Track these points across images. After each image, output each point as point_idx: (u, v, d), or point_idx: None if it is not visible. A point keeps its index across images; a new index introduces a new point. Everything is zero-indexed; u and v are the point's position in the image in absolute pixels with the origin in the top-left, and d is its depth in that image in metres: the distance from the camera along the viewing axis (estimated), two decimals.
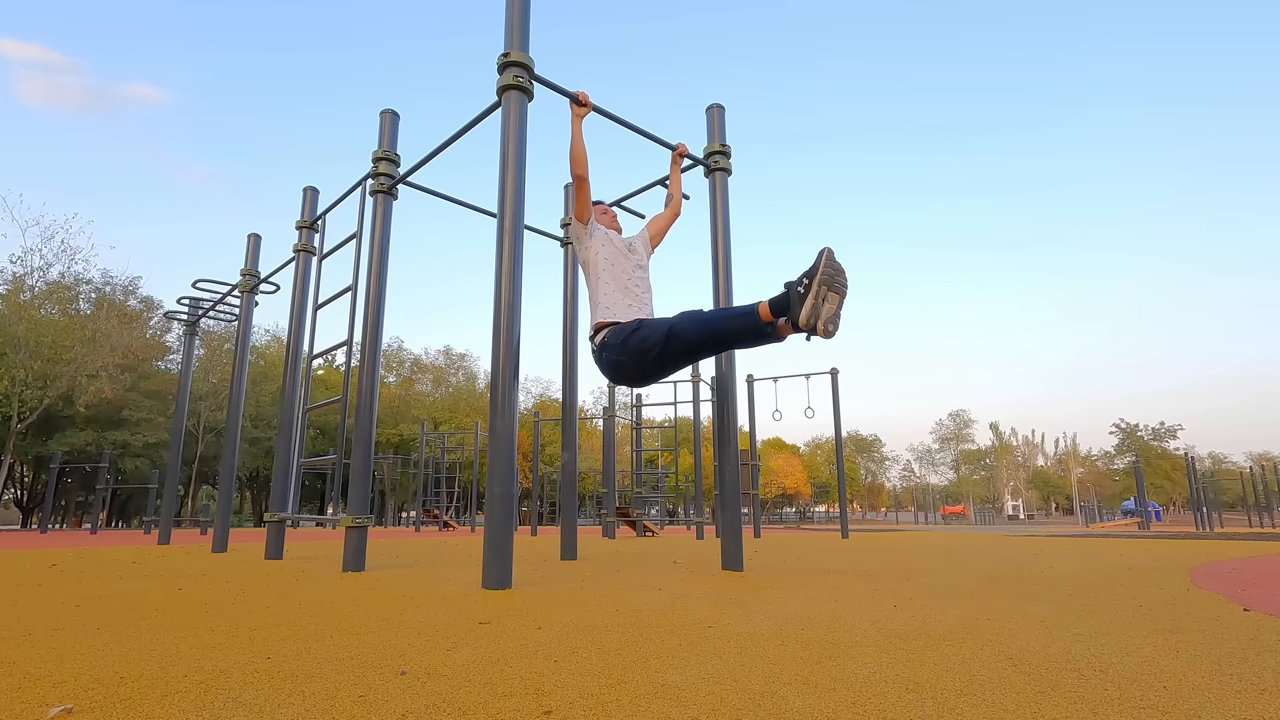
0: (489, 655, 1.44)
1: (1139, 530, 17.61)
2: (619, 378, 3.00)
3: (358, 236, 4.51)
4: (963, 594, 2.55)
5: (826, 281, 2.48)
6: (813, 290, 2.47)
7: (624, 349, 2.89)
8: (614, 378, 3.02)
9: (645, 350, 2.83)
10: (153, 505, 16.30)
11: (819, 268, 2.49)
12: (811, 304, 2.47)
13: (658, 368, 2.88)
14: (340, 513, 4.78)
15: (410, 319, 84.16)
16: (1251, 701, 1.11)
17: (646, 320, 2.95)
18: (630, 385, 3.10)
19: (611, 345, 2.94)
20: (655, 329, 2.83)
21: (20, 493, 33.20)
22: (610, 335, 2.96)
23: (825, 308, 2.48)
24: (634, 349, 2.86)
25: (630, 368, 2.90)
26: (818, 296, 2.47)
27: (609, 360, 2.96)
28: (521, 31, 3.27)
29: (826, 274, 2.48)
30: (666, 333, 2.78)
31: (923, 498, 58.64)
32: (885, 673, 1.28)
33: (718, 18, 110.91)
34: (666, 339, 2.77)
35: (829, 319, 2.49)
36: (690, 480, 21.33)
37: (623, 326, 2.95)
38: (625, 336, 2.89)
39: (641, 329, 2.88)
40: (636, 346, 2.85)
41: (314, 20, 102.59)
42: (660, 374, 2.96)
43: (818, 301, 2.47)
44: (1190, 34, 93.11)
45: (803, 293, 2.50)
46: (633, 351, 2.86)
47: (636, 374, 2.93)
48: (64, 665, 1.36)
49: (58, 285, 23.22)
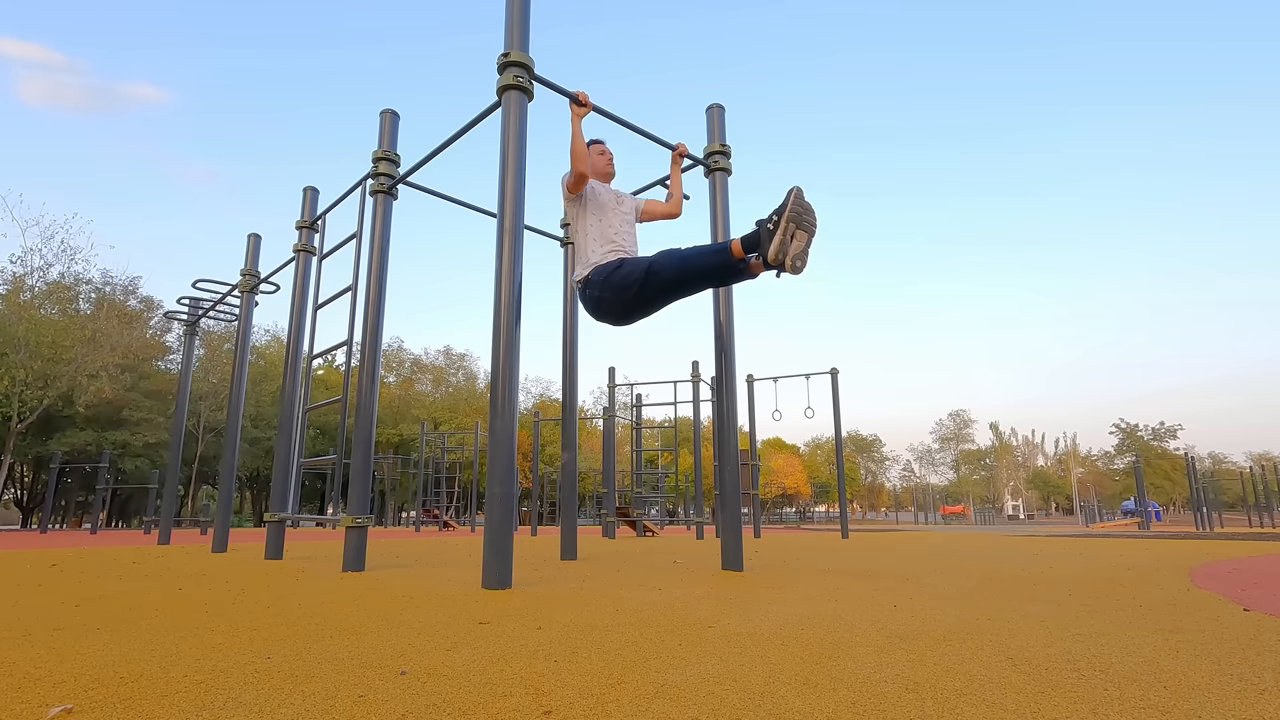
0: (489, 655, 1.44)
1: (1139, 530, 17.61)
2: (603, 315, 3.11)
3: (358, 236, 4.51)
4: (963, 594, 2.55)
5: (795, 219, 2.61)
6: (781, 227, 2.61)
7: (606, 285, 3.01)
8: (598, 315, 3.14)
9: (626, 286, 2.96)
10: (153, 505, 16.30)
11: (787, 205, 2.63)
12: (780, 240, 2.61)
13: (639, 305, 3.01)
14: (340, 513, 4.78)
15: (410, 319, 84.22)
16: (1251, 701, 1.11)
17: (628, 258, 3.09)
18: (614, 322, 3.16)
19: (595, 282, 3.06)
20: (636, 266, 2.97)
21: (20, 493, 33.20)
22: (594, 273, 3.09)
23: (794, 244, 2.61)
24: (616, 285, 2.98)
25: (613, 304, 3.02)
26: (786, 233, 2.61)
27: (592, 297, 3.09)
28: (521, 31, 3.27)
29: (795, 212, 2.61)
30: (646, 269, 2.92)
31: (923, 498, 58.65)
32: (885, 673, 1.28)
33: (717, 17, 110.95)
34: (646, 276, 2.91)
35: (797, 255, 2.62)
36: (690, 480, 21.33)
37: (606, 264, 3.08)
38: (608, 274, 3.02)
39: (623, 266, 3.01)
40: (619, 283, 2.98)
41: (314, 19, 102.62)
42: (641, 312, 3.07)
43: (786, 238, 2.61)
44: (1198, 31, 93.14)
45: (772, 229, 2.64)
46: (615, 288, 2.99)
47: (619, 311, 3.05)
48: (64, 665, 1.36)
49: (58, 285, 23.21)
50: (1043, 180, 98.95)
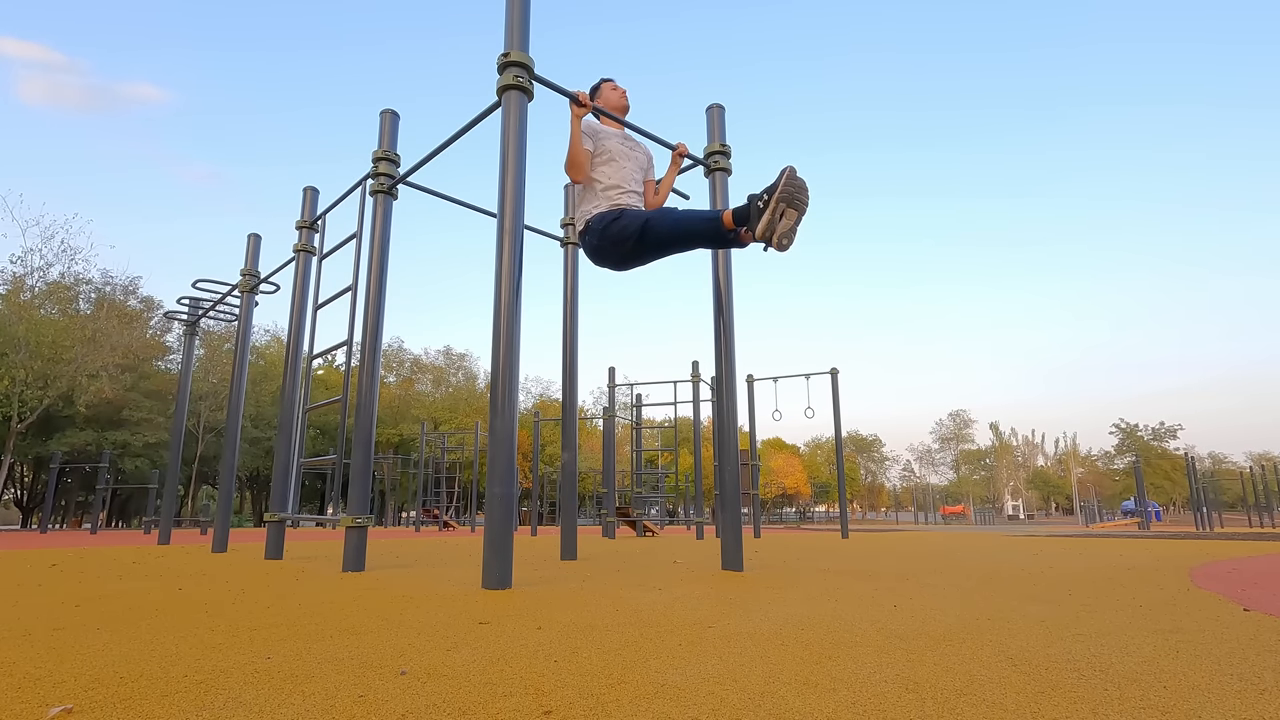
0: (489, 655, 1.44)
1: (1139, 530, 17.61)
2: (600, 260, 3.28)
3: (358, 236, 4.51)
4: (963, 594, 2.55)
5: (786, 198, 2.65)
6: (770, 206, 2.67)
7: (604, 235, 3.16)
8: (595, 260, 3.31)
9: (624, 239, 3.11)
10: (153, 505, 16.31)
11: (780, 184, 2.68)
12: (769, 218, 2.67)
13: (633, 255, 3.17)
14: (340, 513, 4.78)
15: (410, 319, 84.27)
16: (1251, 701, 1.11)
17: (628, 210, 3.21)
18: (611, 268, 3.33)
19: (594, 230, 3.21)
20: (633, 220, 3.11)
21: (20, 493, 33.20)
22: (594, 221, 3.23)
23: (782, 223, 2.67)
24: (613, 236, 3.13)
25: (610, 253, 3.19)
26: (775, 212, 2.67)
27: (590, 244, 3.25)
28: (521, 31, 3.27)
29: (786, 191, 2.65)
30: (643, 225, 3.06)
31: (923, 498, 58.66)
32: (885, 673, 1.28)
33: (718, 17, 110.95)
34: (642, 230, 3.06)
35: (784, 234, 2.68)
36: (690, 480, 21.33)
37: (606, 214, 3.20)
38: (608, 223, 3.16)
39: (622, 218, 3.14)
40: (616, 234, 3.12)
41: (314, 20, 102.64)
42: (637, 261, 3.23)
43: (775, 217, 2.67)
44: (1197, 32, 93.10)
45: (762, 207, 2.70)
46: (612, 238, 3.14)
47: (615, 259, 3.21)
48: (64, 665, 1.36)
49: (58, 285, 23.22)
50: (1043, 180, 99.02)
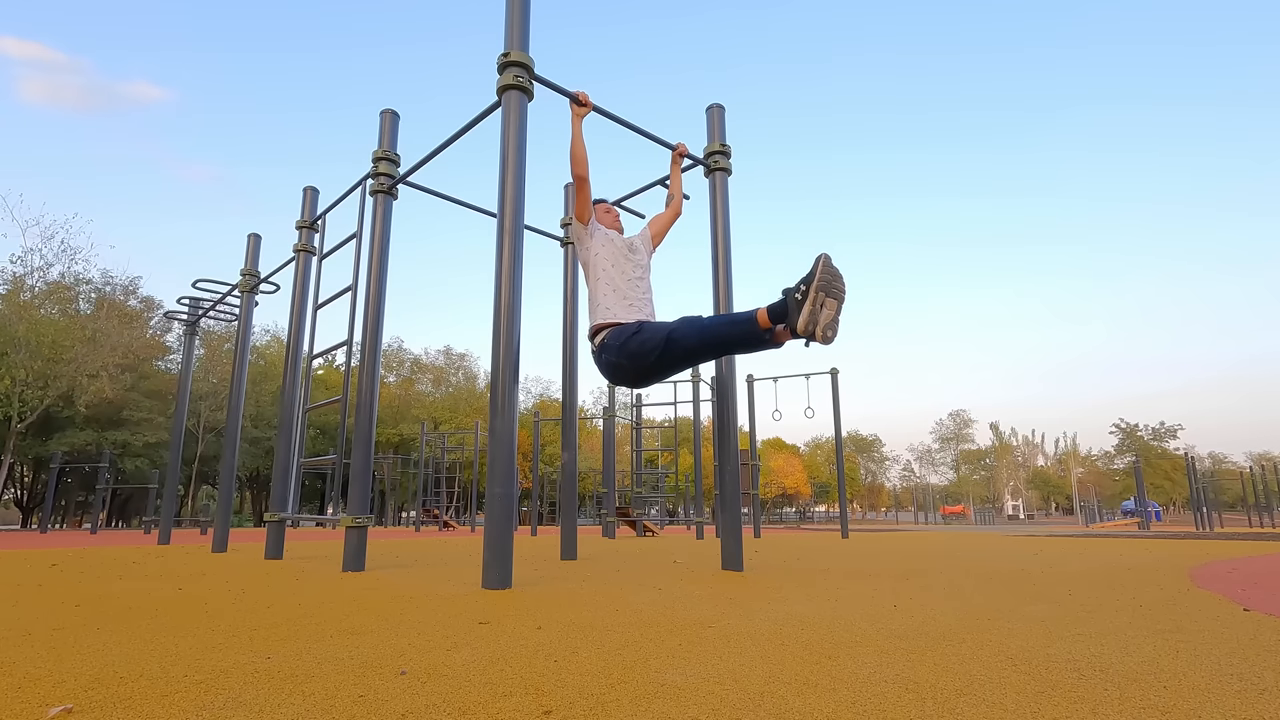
0: (489, 655, 1.44)
1: (1139, 530, 17.61)
2: (618, 379, 3.03)
3: (358, 236, 4.51)
4: (963, 594, 2.55)
5: (824, 288, 2.49)
6: (810, 297, 2.48)
7: (623, 351, 2.90)
8: (613, 379, 3.05)
9: (645, 354, 2.84)
10: (153, 505, 16.31)
11: (816, 274, 2.50)
12: (810, 310, 2.48)
13: (656, 371, 2.91)
14: (340, 513, 4.78)
15: (410, 319, 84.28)
16: (1251, 701, 1.11)
17: (647, 323, 2.96)
18: (629, 386, 3.15)
19: (611, 347, 2.95)
20: (655, 333, 2.84)
21: (20, 493, 33.20)
22: (610, 337, 2.97)
23: (824, 314, 2.49)
24: (633, 352, 2.87)
25: (629, 370, 2.93)
26: (815, 303, 2.48)
27: (608, 362, 2.98)
28: (521, 31, 3.27)
29: (824, 280, 2.49)
30: (666, 338, 2.79)
31: (923, 498, 58.66)
32: (885, 673, 1.28)
33: (718, 17, 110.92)
34: (666, 344, 2.79)
35: (828, 325, 2.50)
36: (690, 480, 21.32)
37: (623, 328, 2.95)
38: (625, 339, 2.90)
39: (642, 332, 2.88)
40: (636, 350, 2.86)
41: (314, 20, 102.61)
42: (658, 377, 2.99)
43: (816, 308, 2.48)
44: (1191, 33, 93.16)
45: (800, 300, 2.51)
46: (632, 354, 2.87)
47: (635, 376, 2.96)
48: (64, 665, 1.36)
49: (58, 285, 23.22)
50: (1043, 180, 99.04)
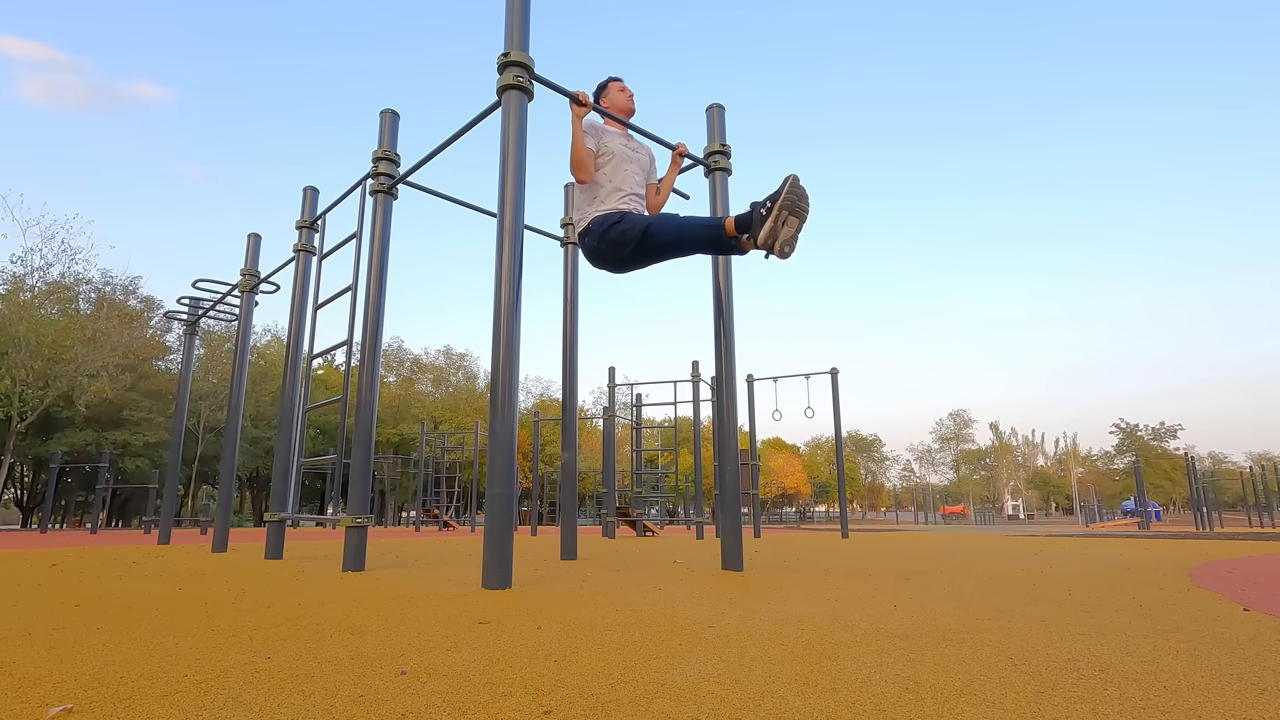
0: (489, 655, 1.44)
1: (1139, 530, 17.61)
2: (599, 263, 3.28)
3: (358, 236, 4.51)
4: (963, 594, 2.55)
5: (788, 206, 2.67)
6: (774, 213, 2.68)
7: (605, 238, 3.15)
8: (594, 262, 3.31)
9: (624, 242, 3.10)
10: (153, 505, 16.31)
11: (782, 193, 2.69)
12: (771, 226, 2.68)
13: (633, 259, 3.17)
14: (340, 513, 4.78)
15: (410, 319, 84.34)
16: (1251, 701, 1.11)
17: (630, 214, 3.21)
18: (610, 271, 3.33)
19: (594, 232, 3.20)
20: (634, 224, 3.10)
21: (20, 493, 33.21)
22: (595, 223, 3.22)
23: (784, 230, 2.68)
24: (614, 239, 3.13)
25: (609, 255, 3.19)
26: (777, 220, 2.68)
27: (590, 246, 3.25)
28: (521, 31, 3.27)
29: (789, 199, 2.67)
30: (644, 230, 3.06)
31: (923, 498, 58.66)
32: (885, 673, 1.28)
33: (718, 17, 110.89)
34: (643, 235, 3.05)
35: (786, 241, 2.69)
36: (690, 480, 21.32)
37: (607, 216, 3.20)
38: (608, 226, 3.15)
39: (623, 222, 3.14)
40: (616, 237, 3.12)
41: (314, 20, 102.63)
42: (636, 265, 3.23)
43: (777, 224, 2.68)
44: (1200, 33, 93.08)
45: (764, 215, 2.71)
46: (613, 241, 3.13)
47: (614, 261, 3.21)
48: (64, 665, 1.36)
49: (58, 285, 23.22)
50: (1043, 180, 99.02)
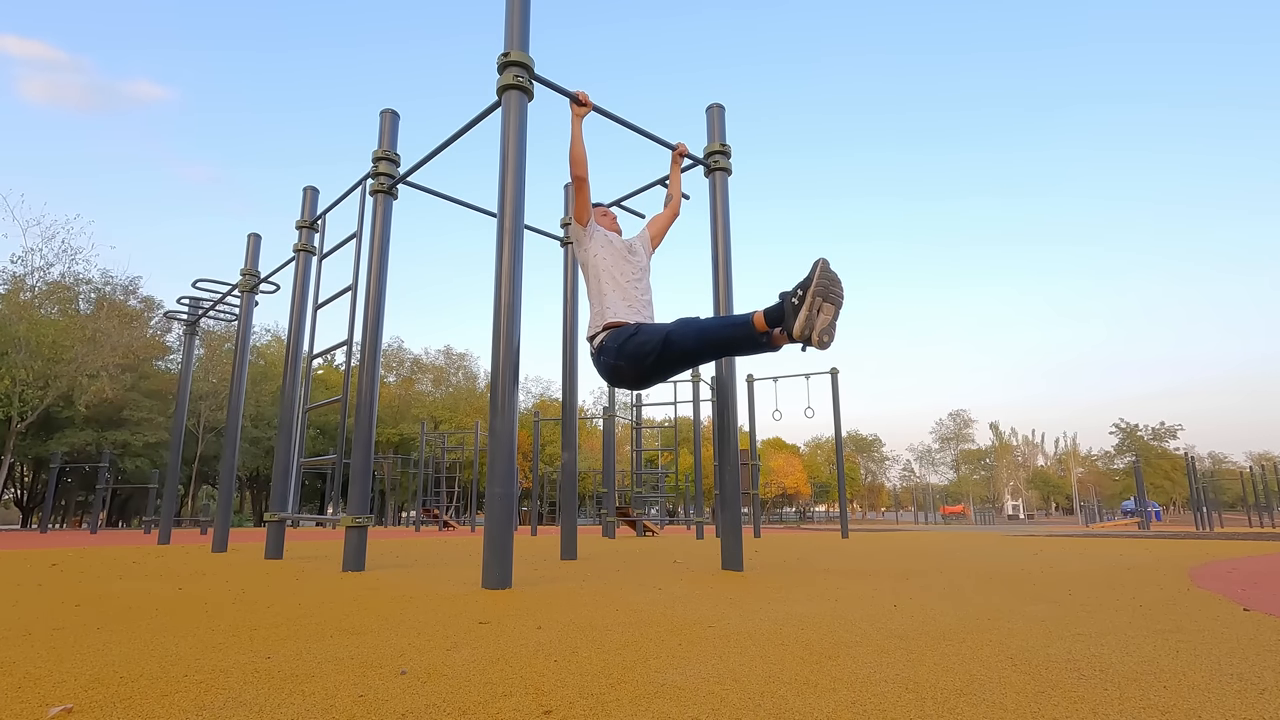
0: (489, 655, 1.44)
1: (1139, 530, 17.61)
2: (616, 381, 3.03)
3: (358, 236, 4.51)
4: (963, 594, 2.55)
5: (821, 292, 2.46)
6: (807, 301, 2.46)
7: (621, 354, 2.90)
8: (611, 380, 3.06)
9: (642, 356, 2.84)
10: (153, 505, 16.30)
11: (813, 279, 2.47)
12: (806, 315, 2.46)
13: (654, 373, 2.92)
14: (340, 513, 4.78)
15: (410, 319, 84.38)
16: (1251, 701, 1.11)
17: (645, 325, 2.96)
18: (627, 388, 3.14)
19: (609, 349, 2.95)
20: (653, 335, 2.84)
21: (20, 493, 33.20)
22: (608, 339, 2.98)
23: (820, 318, 2.46)
24: (631, 354, 2.87)
25: (627, 372, 2.93)
26: (812, 308, 2.45)
27: (606, 364, 2.99)
28: (521, 31, 3.27)
29: (821, 285, 2.46)
30: (664, 340, 2.79)
31: (923, 498, 58.64)
32: (885, 673, 1.28)
33: (717, 17, 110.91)
34: (664, 346, 2.79)
35: (824, 329, 2.47)
36: (690, 480, 21.32)
37: (620, 330, 2.95)
38: (623, 341, 2.90)
39: (639, 334, 2.89)
40: (634, 352, 2.86)
41: (315, 20, 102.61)
42: (656, 379, 3.00)
43: (812, 313, 2.46)
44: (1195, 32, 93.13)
45: (797, 304, 2.49)
46: (630, 356, 2.87)
47: (633, 378, 2.96)
48: (64, 665, 1.36)
49: (58, 285, 23.22)
50: (1043, 180, 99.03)
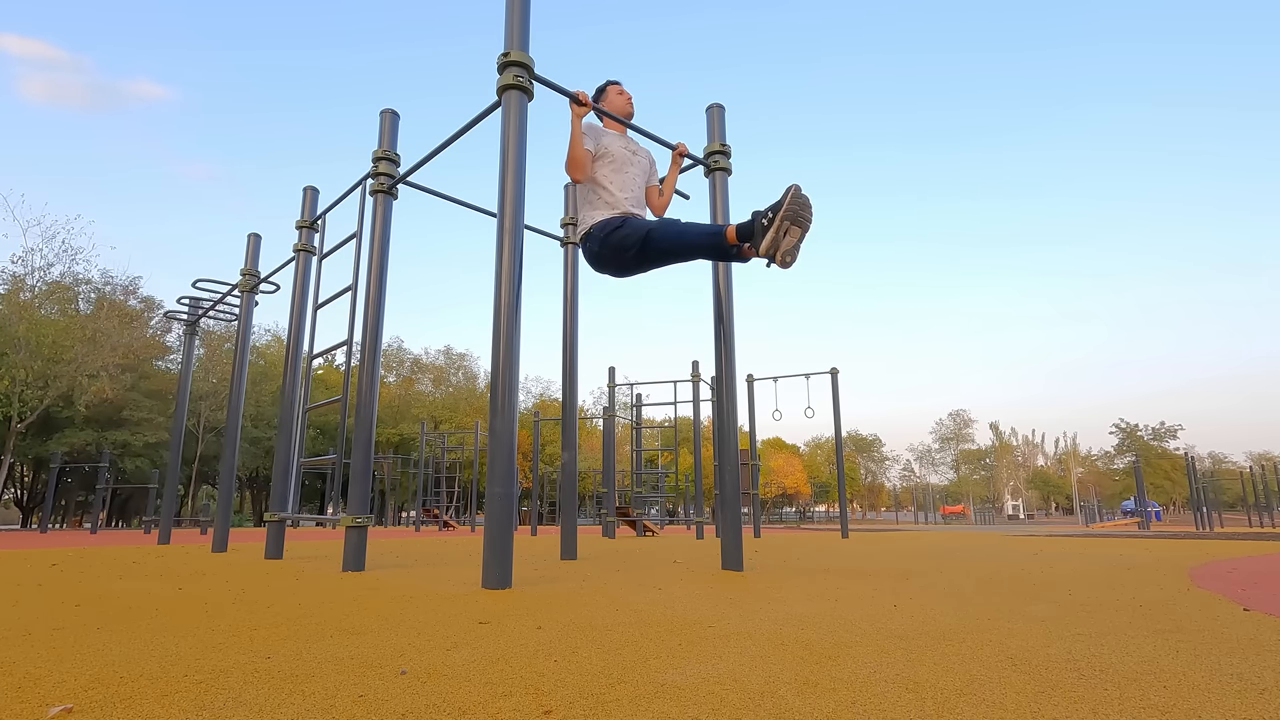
0: (489, 655, 1.44)
1: (1139, 530, 17.61)
2: (600, 267, 3.28)
3: (358, 236, 4.51)
4: (963, 594, 2.55)
5: (790, 216, 2.69)
6: (775, 223, 2.70)
7: (606, 242, 3.15)
8: (596, 267, 3.31)
9: (625, 247, 3.11)
10: (153, 505, 16.31)
11: (784, 203, 2.70)
12: (773, 236, 2.70)
13: (634, 264, 3.17)
14: (340, 513, 4.78)
15: (410, 319, 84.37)
16: (1251, 701, 1.11)
17: (631, 218, 3.22)
18: (611, 274, 3.34)
19: (595, 237, 3.20)
20: (636, 229, 3.11)
21: (20, 493, 33.21)
22: (596, 228, 3.23)
23: (786, 240, 2.70)
24: (615, 244, 3.13)
25: (611, 260, 3.19)
26: (779, 230, 2.70)
27: (591, 251, 3.25)
28: (521, 31, 3.27)
29: (791, 209, 2.69)
30: (645, 235, 3.06)
31: (923, 498, 58.64)
32: (885, 673, 1.28)
33: (718, 17, 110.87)
34: (645, 240, 3.06)
35: (788, 250, 2.71)
36: (690, 480, 21.32)
37: (609, 221, 3.21)
38: (610, 231, 3.16)
39: (625, 226, 3.14)
40: (618, 242, 3.12)
41: (315, 20, 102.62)
42: (638, 269, 3.24)
43: (779, 234, 2.70)
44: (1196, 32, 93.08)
45: (766, 225, 2.73)
46: (614, 246, 3.13)
47: (616, 266, 3.22)
48: (64, 665, 1.36)
49: (58, 285, 23.21)
50: (1043, 180, 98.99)
